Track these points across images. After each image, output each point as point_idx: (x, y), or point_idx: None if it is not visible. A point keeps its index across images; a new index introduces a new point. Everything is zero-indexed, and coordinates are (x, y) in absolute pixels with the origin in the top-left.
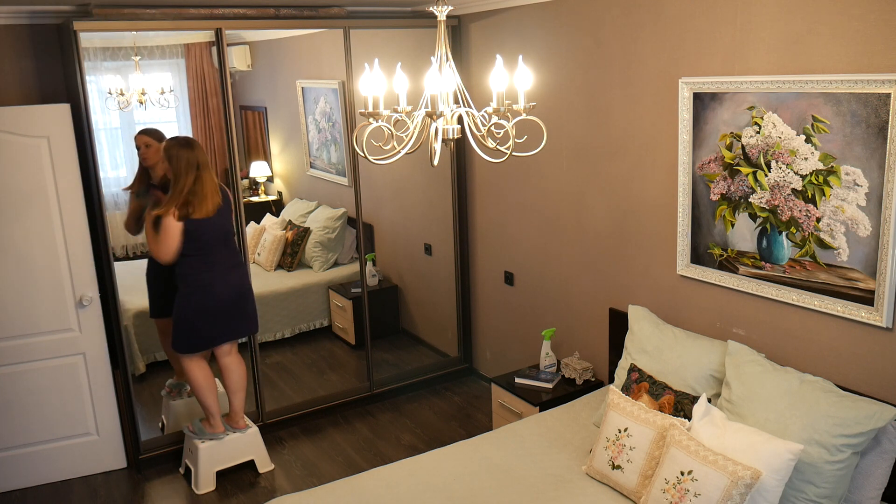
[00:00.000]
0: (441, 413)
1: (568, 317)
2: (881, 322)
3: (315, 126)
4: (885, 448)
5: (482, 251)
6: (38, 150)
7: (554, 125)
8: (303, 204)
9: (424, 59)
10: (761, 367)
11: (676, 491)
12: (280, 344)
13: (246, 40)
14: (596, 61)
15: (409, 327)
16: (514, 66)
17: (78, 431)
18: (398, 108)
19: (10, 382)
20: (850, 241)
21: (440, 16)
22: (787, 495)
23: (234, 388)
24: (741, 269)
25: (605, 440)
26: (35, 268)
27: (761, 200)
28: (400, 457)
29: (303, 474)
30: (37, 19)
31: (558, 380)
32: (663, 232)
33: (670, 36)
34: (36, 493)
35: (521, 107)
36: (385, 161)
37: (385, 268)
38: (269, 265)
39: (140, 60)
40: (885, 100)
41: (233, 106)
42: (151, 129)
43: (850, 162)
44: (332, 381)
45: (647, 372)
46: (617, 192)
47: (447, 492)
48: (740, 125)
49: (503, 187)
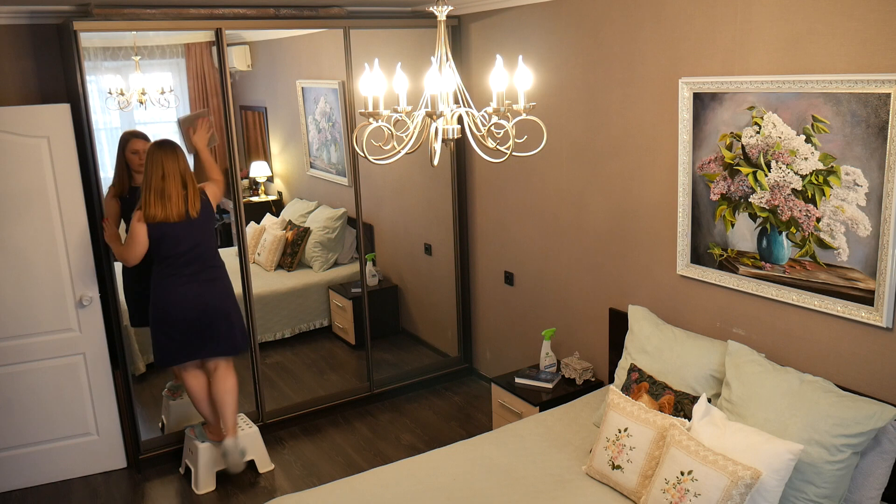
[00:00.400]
0: (441, 413)
1: (568, 317)
2: (881, 322)
3: (315, 126)
4: (885, 448)
5: (482, 251)
6: (38, 150)
7: (554, 125)
8: (303, 204)
9: (424, 59)
10: (761, 367)
11: (676, 491)
12: (280, 344)
13: (246, 40)
14: (596, 61)
15: (409, 327)
16: (514, 66)
17: (78, 431)
18: (398, 108)
19: (11, 382)
20: (850, 241)
21: (440, 16)
22: (787, 495)
23: (218, 400)
24: (741, 269)
25: (605, 440)
26: (35, 268)
27: (761, 200)
28: (400, 457)
29: (303, 474)
30: (37, 19)
31: (558, 380)
32: (663, 232)
33: (670, 36)
34: (36, 493)
35: (521, 107)
36: (385, 161)
37: (385, 268)
38: (269, 265)
39: (140, 60)
40: (885, 100)
41: (233, 106)
42: (140, 133)
43: (850, 162)
44: (332, 381)
45: (647, 372)
46: (617, 192)
47: (447, 492)
48: (740, 125)
49: (503, 187)
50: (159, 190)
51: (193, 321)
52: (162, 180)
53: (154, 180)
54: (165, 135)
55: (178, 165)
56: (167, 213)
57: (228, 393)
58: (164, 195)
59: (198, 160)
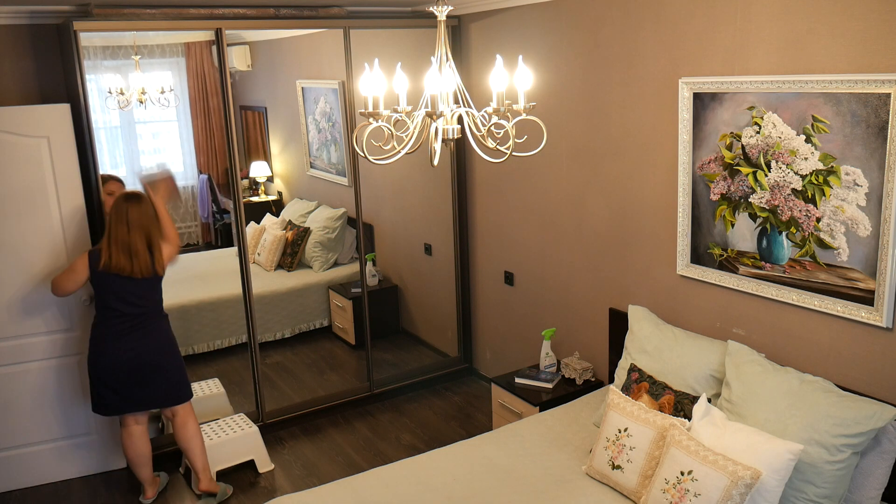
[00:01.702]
0: (441, 413)
1: (568, 317)
2: (881, 322)
3: (315, 126)
4: (885, 448)
5: (482, 251)
6: (38, 150)
7: (554, 125)
8: (303, 204)
9: (424, 59)
10: (761, 367)
11: (676, 491)
12: (280, 344)
13: (246, 40)
14: (596, 61)
15: (409, 327)
16: (514, 66)
17: (78, 431)
18: (398, 108)
19: (10, 382)
20: (850, 241)
21: (440, 16)
22: (787, 495)
23: (182, 449)
24: (741, 269)
25: (605, 440)
26: (35, 268)
27: (761, 200)
28: (400, 457)
29: (303, 474)
30: (37, 19)
31: (558, 380)
32: (663, 232)
33: (670, 36)
34: (36, 493)
35: (521, 107)
36: (385, 161)
37: (385, 268)
38: (269, 265)
39: (140, 59)
40: (885, 100)
41: (233, 106)
42: (116, 177)
43: (850, 162)
44: (332, 381)
45: (647, 372)
46: (617, 191)
47: (447, 492)
48: (740, 125)
49: (503, 187)
50: (125, 244)
51: (126, 374)
52: (127, 234)
53: (118, 233)
54: (165, 134)
55: (142, 220)
56: (133, 267)
57: (190, 440)
58: (129, 249)
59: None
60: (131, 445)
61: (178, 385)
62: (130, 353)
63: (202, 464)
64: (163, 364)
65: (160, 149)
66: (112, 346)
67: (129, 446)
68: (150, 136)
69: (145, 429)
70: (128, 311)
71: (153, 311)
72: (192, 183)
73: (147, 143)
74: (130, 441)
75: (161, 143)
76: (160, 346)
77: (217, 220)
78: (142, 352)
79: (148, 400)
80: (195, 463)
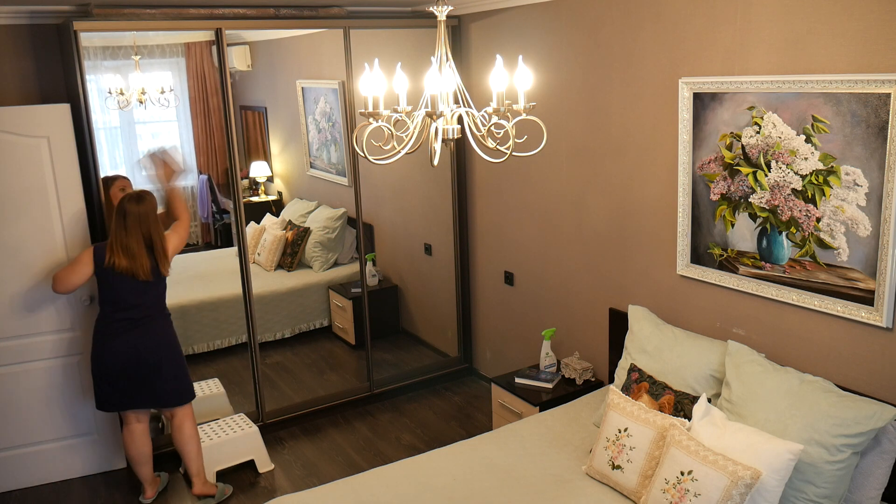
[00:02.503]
0: (441, 413)
1: (568, 317)
2: (881, 322)
3: (315, 126)
4: (885, 448)
5: (482, 251)
6: (38, 150)
7: (554, 125)
8: (303, 204)
9: (424, 59)
10: (761, 367)
11: (676, 491)
12: (280, 344)
13: (246, 40)
14: (596, 61)
15: (409, 327)
16: (514, 66)
17: (78, 431)
18: (398, 108)
19: (11, 382)
20: (850, 241)
21: (440, 16)
22: (787, 495)
23: (179, 451)
24: (741, 269)
25: (605, 440)
26: (35, 268)
27: (761, 200)
28: (400, 457)
29: (303, 474)
30: (37, 19)
31: (558, 380)
32: (663, 232)
33: (670, 36)
34: (36, 493)
35: (521, 107)
36: (385, 161)
37: (385, 268)
38: (270, 265)
39: (140, 59)
40: (885, 100)
41: (233, 106)
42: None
43: (850, 162)
44: (332, 381)
45: (647, 372)
46: (617, 192)
47: (447, 492)
48: (740, 125)
49: (503, 187)
50: (124, 245)
51: (126, 372)
52: (125, 236)
53: (118, 234)
54: (165, 134)
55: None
56: (135, 268)
57: (186, 443)
58: (128, 251)
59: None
60: (132, 444)
61: (179, 385)
62: (131, 352)
63: (197, 467)
64: (163, 363)
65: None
66: (112, 344)
67: (130, 444)
68: (149, 137)
69: (146, 427)
70: (129, 310)
71: (155, 311)
72: (192, 183)
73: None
74: (131, 439)
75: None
76: (160, 345)
77: (217, 220)
78: (142, 350)
79: (148, 398)
80: (190, 466)
